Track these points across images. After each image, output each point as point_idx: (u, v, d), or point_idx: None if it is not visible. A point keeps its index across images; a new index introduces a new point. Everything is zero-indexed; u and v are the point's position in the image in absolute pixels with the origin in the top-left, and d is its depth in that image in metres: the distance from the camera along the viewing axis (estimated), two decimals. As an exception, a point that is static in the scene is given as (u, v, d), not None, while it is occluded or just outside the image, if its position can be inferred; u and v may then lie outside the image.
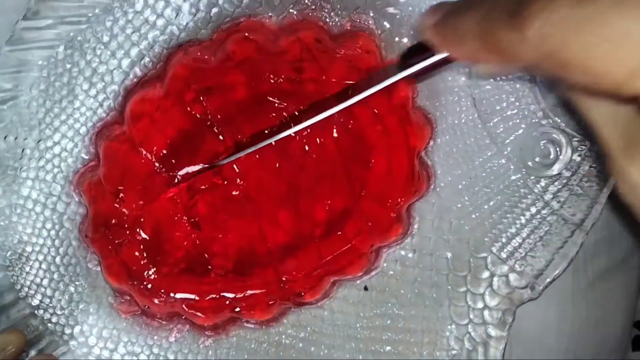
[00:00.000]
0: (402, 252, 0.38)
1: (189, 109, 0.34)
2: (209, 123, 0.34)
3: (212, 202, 0.34)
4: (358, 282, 0.37)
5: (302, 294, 0.35)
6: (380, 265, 0.37)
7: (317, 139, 0.34)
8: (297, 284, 0.35)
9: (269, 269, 0.35)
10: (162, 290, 0.34)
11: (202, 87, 0.34)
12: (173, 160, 0.34)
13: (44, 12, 0.33)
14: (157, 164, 0.34)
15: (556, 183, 0.36)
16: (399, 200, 0.35)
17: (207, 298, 0.35)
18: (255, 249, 0.34)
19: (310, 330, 0.38)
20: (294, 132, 0.33)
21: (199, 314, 0.35)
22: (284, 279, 0.35)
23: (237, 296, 0.35)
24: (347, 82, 0.34)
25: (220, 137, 0.34)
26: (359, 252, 0.35)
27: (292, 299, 0.36)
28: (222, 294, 0.35)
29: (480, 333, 0.37)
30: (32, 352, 0.35)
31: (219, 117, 0.34)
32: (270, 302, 0.35)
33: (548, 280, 0.36)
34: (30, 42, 0.34)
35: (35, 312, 0.36)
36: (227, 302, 0.35)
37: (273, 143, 0.33)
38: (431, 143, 0.37)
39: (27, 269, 0.36)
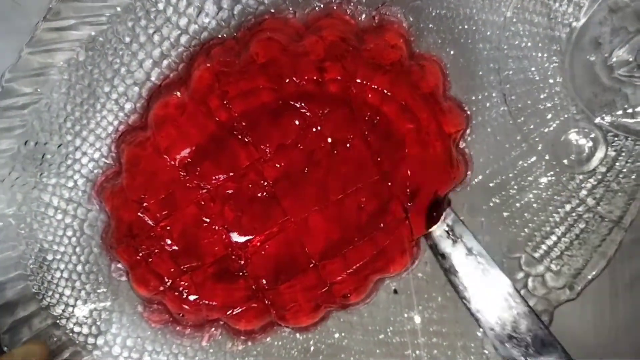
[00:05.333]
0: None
1: (214, 114, 0.33)
2: (234, 131, 0.33)
3: (238, 208, 0.33)
4: (404, 274, 0.36)
5: (348, 295, 0.34)
6: (421, 256, 0.36)
7: (344, 140, 0.33)
8: (343, 285, 0.34)
9: (310, 274, 0.34)
10: (197, 297, 0.33)
11: (227, 92, 0.33)
12: (198, 168, 0.33)
13: (65, 13, 0.33)
14: (181, 172, 0.33)
15: (591, 179, 0.35)
16: (437, 188, 0.34)
17: (247, 305, 0.34)
18: (292, 254, 0.33)
19: (339, 336, 0.37)
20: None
21: (238, 319, 0.34)
22: (328, 282, 0.34)
23: (278, 303, 0.34)
24: (366, 82, 0.33)
25: (245, 144, 0.33)
26: (402, 245, 0.34)
27: (338, 302, 0.35)
28: (264, 300, 0.34)
29: (515, 336, 0.36)
30: (56, 364, 0.34)
31: (243, 123, 0.33)
32: (315, 307, 0.34)
33: (587, 279, 0.35)
34: (51, 43, 0.33)
35: (58, 322, 0.35)
36: (270, 309, 0.34)
37: (300, 147, 0.33)
38: (468, 131, 0.36)
39: (49, 277, 0.35)
